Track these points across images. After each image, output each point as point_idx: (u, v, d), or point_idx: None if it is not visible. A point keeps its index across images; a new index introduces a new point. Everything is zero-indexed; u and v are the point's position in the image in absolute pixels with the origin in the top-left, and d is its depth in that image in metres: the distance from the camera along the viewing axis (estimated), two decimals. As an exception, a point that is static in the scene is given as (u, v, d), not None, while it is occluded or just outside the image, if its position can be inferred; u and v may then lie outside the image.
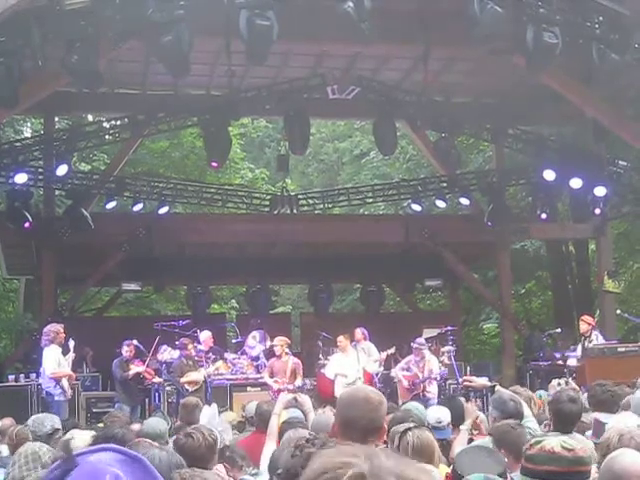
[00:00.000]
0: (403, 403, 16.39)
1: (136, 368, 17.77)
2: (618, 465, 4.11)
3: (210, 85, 21.90)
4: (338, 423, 4.40)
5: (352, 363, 17.15)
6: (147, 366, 18.07)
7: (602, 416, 7.17)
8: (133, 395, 17.94)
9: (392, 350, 18.33)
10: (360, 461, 1.71)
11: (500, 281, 24.25)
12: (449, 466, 6.45)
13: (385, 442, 7.48)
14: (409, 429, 6.06)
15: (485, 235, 22.68)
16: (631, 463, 4.11)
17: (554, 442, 4.09)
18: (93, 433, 7.91)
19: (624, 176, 21.66)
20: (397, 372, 17.72)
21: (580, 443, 4.25)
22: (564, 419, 7.02)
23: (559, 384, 10.27)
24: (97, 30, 14.13)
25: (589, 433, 7.01)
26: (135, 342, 17.97)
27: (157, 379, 18.27)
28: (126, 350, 17.86)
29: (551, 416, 7.37)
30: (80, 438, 7.55)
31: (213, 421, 10.57)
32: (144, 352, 18.19)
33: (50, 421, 8.84)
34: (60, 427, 8.78)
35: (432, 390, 17.41)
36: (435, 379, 17.58)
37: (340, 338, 17.40)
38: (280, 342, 17.45)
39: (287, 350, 17.77)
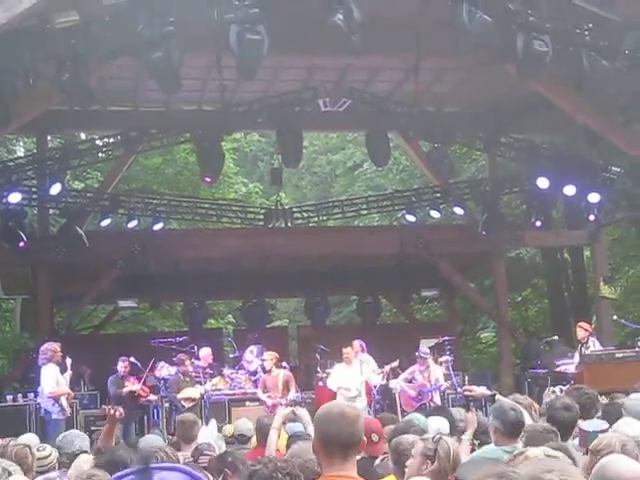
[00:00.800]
0: (407, 413, 16.46)
1: (131, 386, 17.69)
2: (612, 471, 4.05)
3: (202, 100, 21.92)
4: (318, 440, 4.42)
5: (355, 375, 17.09)
6: (143, 383, 17.99)
7: (585, 424, 7.16)
8: (126, 413, 17.78)
9: (396, 363, 18.27)
10: None
11: (496, 290, 24.24)
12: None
13: (385, 453, 7.51)
14: (441, 438, 6.06)
15: (480, 244, 22.69)
16: (626, 470, 4.05)
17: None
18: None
19: (617, 182, 21.68)
20: (400, 383, 17.67)
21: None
22: (559, 427, 7.01)
23: (553, 392, 10.26)
24: (87, 48, 14.14)
25: (575, 442, 6.99)
26: (132, 359, 17.91)
27: (152, 397, 18.21)
28: (121, 366, 17.76)
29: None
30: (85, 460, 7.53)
31: (211, 439, 10.51)
32: (140, 369, 18.12)
33: (80, 441, 8.77)
34: (88, 449, 8.68)
35: (436, 400, 17.39)
36: (441, 388, 17.57)
37: (346, 350, 17.22)
38: (269, 357, 17.48)
39: (284, 364, 17.80)
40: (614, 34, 15.69)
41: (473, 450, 7.88)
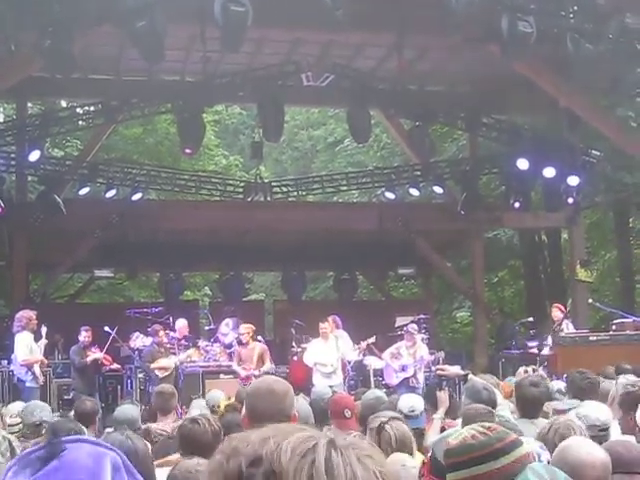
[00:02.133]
0: (391, 388, 16.53)
1: (94, 355, 17.57)
2: (573, 456, 4.04)
3: (184, 71, 21.82)
4: (247, 416, 4.42)
5: (332, 351, 17.06)
6: (105, 352, 17.88)
7: (560, 404, 7.19)
8: (90, 382, 17.72)
9: (372, 339, 18.27)
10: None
11: (473, 270, 24.31)
12: (423, 454, 6.45)
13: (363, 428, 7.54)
14: (386, 422, 6.07)
15: (458, 223, 22.72)
16: (586, 453, 4.04)
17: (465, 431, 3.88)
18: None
19: (597, 166, 21.75)
20: (386, 357, 17.67)
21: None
22: (527, 404, 7.06)
23: (526, 371, 10.30)
24: (71, 15, 14.04)
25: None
26: (106, 328, 17.81)
27: (115, 365, 18.18)
28: (84, 336, 17.51)
29: (516, 402, 7.41)
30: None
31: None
32: (109, 339, 18.00)
33: (40, 412, 8.75)
34: (49, 419, 8.66)
35: (419, 378, 17.40)
36: (427, 364, 17.59)
37: (324, 325, 17.14)
38: (246, 329, 17.49)
39: (259, 337, 17.82)
40: (599, 18, 15.71)
41: (444, 429, 7.91)
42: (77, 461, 1.85)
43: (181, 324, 18.56)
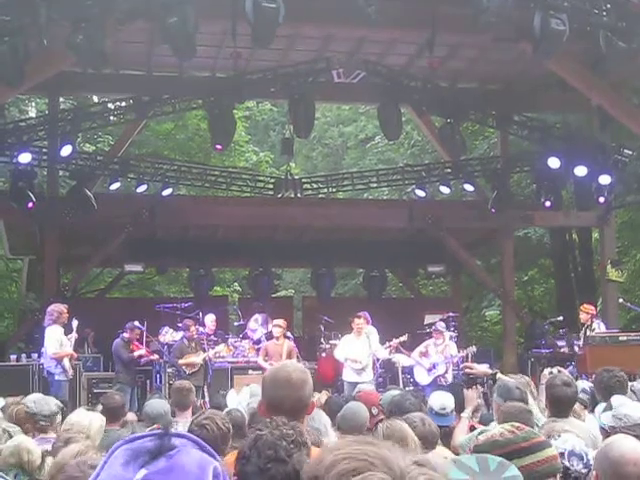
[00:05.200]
0: (421, 386, 16.55)
1: (139, 350, 17.78)
2: (616, 451, 4.05)
3: (215, 67, 21.85)
4: (265, 403, 4.41)
5: (363, 347, 17.02)
6: (147, 347, 18.11)
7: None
8: (133, 377, 17.96)
9: (404, 337, 18.23)
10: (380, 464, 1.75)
11: (503, 268, 24.19)
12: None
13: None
14: (380, 421, 6.12)
15: (488, 222, 22.65)
16: (630, 449, 4.05)
17: (496, 431, 3.98)
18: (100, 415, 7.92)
19: (629, 165, 21.57)
20: (415, 356, 17.67)
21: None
22: (559, 403, 7.03)
23: (551, 372, 10.26)
24: (103, 10, 14.10)
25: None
26: (136, 323, 17.94)
27: (154, 356, 18.34)
28: (131, 332, 17.79)
29: (547, 402, 7.38)
30: (86, 417, 7.58)
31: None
32: (146, 334, 18.20)
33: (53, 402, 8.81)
34: (59, 408, 8.70)
35: (448, 376, 17.39)
36: (454, 360, 17.57)
37: (359, 320, 17.05)
38: (280, 324, 17.50)
39: (288, 334, 17.86)
40: (632, 16, 15.60)
41: (473, 427, 7.89)
42: (186, 467, 1.92)
43: (210, 319, 18.64)
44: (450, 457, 5.52)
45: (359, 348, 16.97)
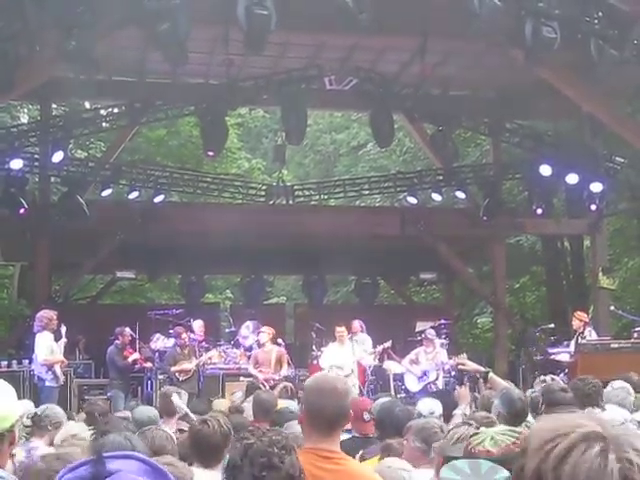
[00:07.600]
0: (412, 393, 16.56)
1: (133, 356, 17.78)
2: None
3: (208, 74, 21.84)
4: (306, 411, 4.50)
5: (347, 355, 17.12)
6: (139, 353, 18.10)
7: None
8: (127, 383, 17.97)
9: (388, 344, 18.28)
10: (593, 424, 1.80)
11: (494, 275, 24.20)
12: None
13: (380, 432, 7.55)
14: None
15: (480, 229, 22.67)
16: None
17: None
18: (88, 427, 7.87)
19: (621, 172, 21.59)
20: (405, 364, 17.70)
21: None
22: (557, 409, 7.05)
23: (544, 381, 10.28)
24: (95, 16, 14.08)
25: None
26: (127, 329, 17.93)
27: (148, 364, 18.33)
28: (123, 336, 17.79)
29: (544, 407, 7.40)
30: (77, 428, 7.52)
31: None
32: (136, 340, 18.19)
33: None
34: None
35: (439, 383, 17.40)
36: (445, 367, 17.58)
37: (340, 329, 17.28)
38: (267, 331, 17.55)
39: (279, 341, 17.84)
40: (623, 24, 15.62)
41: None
42: None
43: (197, 325, 18.64)
44: None
45: (343, 355, 17.05)
